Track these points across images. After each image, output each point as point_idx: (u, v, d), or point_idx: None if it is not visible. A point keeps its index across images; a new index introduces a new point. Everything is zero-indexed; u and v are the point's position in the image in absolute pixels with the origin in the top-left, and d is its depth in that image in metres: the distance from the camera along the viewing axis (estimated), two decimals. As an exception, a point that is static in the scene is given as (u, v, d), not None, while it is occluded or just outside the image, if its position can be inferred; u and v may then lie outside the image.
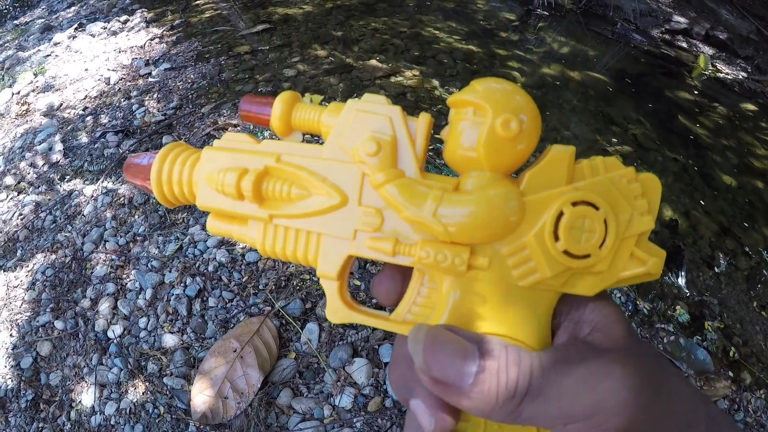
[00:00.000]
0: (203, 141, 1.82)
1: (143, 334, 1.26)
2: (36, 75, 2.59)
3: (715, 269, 1.50)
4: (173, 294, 1.31)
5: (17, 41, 3.21)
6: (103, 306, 1.32)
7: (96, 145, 1.93)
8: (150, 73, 2.35)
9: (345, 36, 2.51)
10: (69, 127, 2.09)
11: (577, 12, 3.12)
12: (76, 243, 1.53)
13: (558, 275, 0.22)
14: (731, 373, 1.23)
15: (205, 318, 1.26)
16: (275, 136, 0.28)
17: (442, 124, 0.25)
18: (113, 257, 1.45)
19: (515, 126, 0.22)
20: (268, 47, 2.44)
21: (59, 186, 1.78)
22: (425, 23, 2.68)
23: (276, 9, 2.88)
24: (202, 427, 1.05)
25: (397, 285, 0.27)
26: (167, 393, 1.14)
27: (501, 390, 0.20)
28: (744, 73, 2.74)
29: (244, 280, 1.32)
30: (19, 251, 1.58)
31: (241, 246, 1.40)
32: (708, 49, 2.89)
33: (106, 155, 1.87)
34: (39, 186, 1.82)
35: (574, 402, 0.19)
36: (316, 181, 0.25)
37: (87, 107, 2.21)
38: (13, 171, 1.92)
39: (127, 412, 1.13)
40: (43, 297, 1.40)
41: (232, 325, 1.22)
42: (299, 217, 0.25)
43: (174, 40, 2.67)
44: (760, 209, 1.76)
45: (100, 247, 1.50)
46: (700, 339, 1.29)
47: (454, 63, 2.31)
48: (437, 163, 1.65)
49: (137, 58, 2.52)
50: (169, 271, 1.37)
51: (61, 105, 2.27)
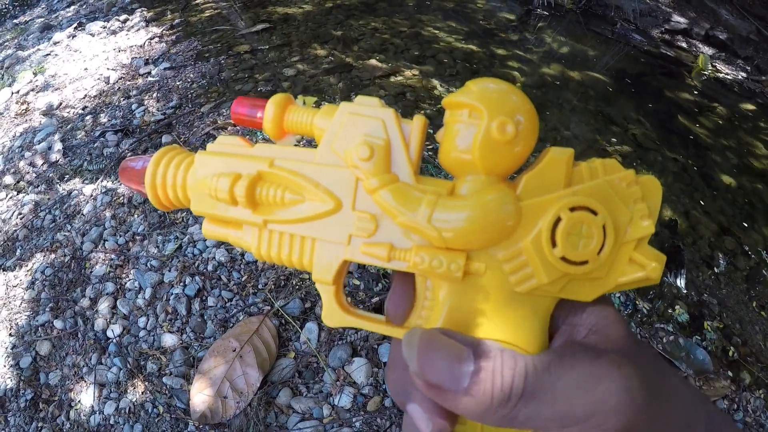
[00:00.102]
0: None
1: (142, 333, 1.26)
2: (35, 74, 2.58)
3: (715, 269, 1.50)
4: (172, 293, 1.31)
5: (17, 40, 3.21)
6: (103, 305, 1.32)
7: (95, 145, 1.93)
8: (149, 73, 2.35)
9: (345, 35, 2.51)
10: (68, 127, 2.09)
11: (577, 12, 3.12)
12: (75, 242, 1.53)
13: (555, 281, 0.22)
14: (730, 373, 1.23)
15: (205, 317, 1.26)
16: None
17: (440, 123, 0.25)
18: (112, 256, 1.45)
19: (511, 129, 0.21)
20: (267, 46, 2.44)
21: (58, 185, 1.78)
22: (425, 23, 2.68)
23: (276, 8, 2.88)
24: (201, 427, 1.05)
25: (411, 303, 0.26)
26: (166, 392, 1.14)
27: (496, 393, 0.20)
28: (744, 73, 2.74)
29: (243, 279, 1.32)
30: (19, 250, 1.58)
31: (241, 245, 1.40)
32: (708, 49, 2.89)
33: (105, 154, 1.87)
34: (38, 185, 1.82)
35: (570, 404, 0.19)
36: (309, 186, 0.24)
37: (86, 106, 2.20)
38: (13, 170, 1.91)
39: (127, 411, 1.13)
40: (43, 296, 1.40)
41: (231, 325, 1.22)
42: (293, 223, 0.25)
43: (174, 39, 2.66)
44: (759, 209, 1.76)
45: (99, 247, 1.50)
46: (699, 339, 1.29)
47: (453, 63, 2.31)
48: (436, 163, 1.65)
49: (137, 57, 2.52)
50: (169, 271, 1.37)
51: (61, 104, 2.27)
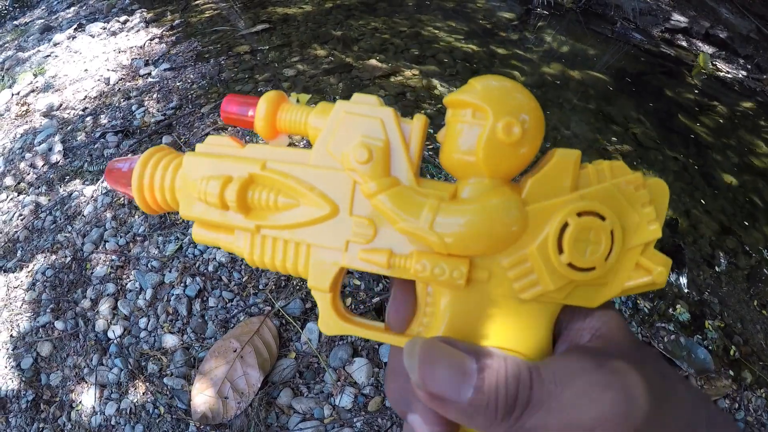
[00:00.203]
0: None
1: (143, 334, 1.26)
2: (36, 75, 2.59)
3: (716, 268, 1.50)
4: (173, 294, 1.31)
5: (17, 42, 3.21)
6: (104, 306, 1.32)
7: (96, 146, 1.93)
8: (150, 74, 2.35)
9: (345, 35, 2.51)
10: (69, 128, 2.09)
11: (577, 11, 3.12)
12: (76, 243, 1.53)
13: (561, 288, 0.21)
14: (732, 372, 1.23)
15: (205, 318, 1.26)
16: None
17: (441, 123, 0.24)
18: (113, 257, 1.45)
19: (518, 130, 0.20)
20: (267, 47, 2.44)
21: (59, 186, 1.78)
22: (425, 23, 2.68)
23: (276, 9, 2.88)
24: (202, 427, 1.05)
25: (412, 311, 0.25)
26: (167, 393, 1.14)
27: (501, 404, 0.19)
28: (744, 72, 2.73)
29: (244, 280, 1.32)
30: (19, 252, 1.58)
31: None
32: (708, 48, 2.89)
33: (105, 156, 1.87)
34: (39, 186, 1.82)
35: (578, 413, 0.19)
36: (304, 190, 0.23)
37: (87, 108, 2.20)
38: (13, 171, 1.92)
39: (128, 412, 1.13)
40: (44, 297, 1.40)
41: (232, 325, 1.22)
42: (287, 228, 0.24)
43: (174, 40, 2.66)
44: (760, 208, 1.76)
45: (100, 248, 1.50)
46: (700, 338, 1.29)
47: (454, 62, 2.31)
48: (437, 163, 1.65)
49: (137, 58, 2.52)
50: (169, 271, 1.37)
51: (61, 105, 2.27)
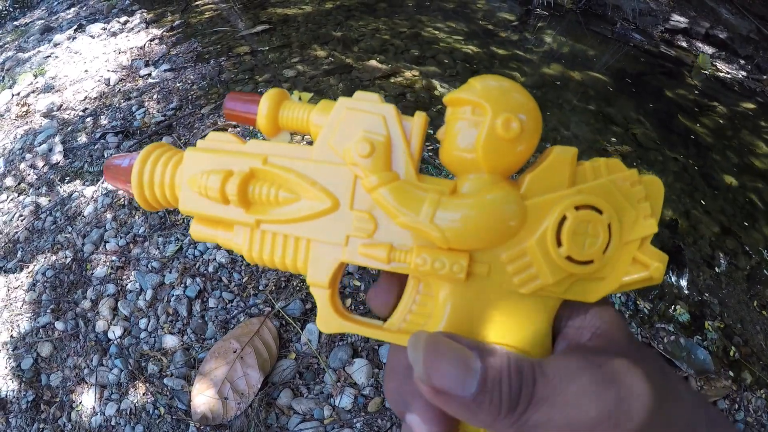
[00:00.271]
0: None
1: (143, 335, 1.26)
2: (36, 76, 2.59)
3: (716, 269, 1.50)
4: (173, 295, 1.31)
5: (17, 42, 3.21)
6: (104, 307, 1.32)
7: (96, 146, 1.93)
8: (150, 74, 2.36)
9: (345, 36, 2.51)
10: (69, 129, 2.09)
11: (577, 12, 3.12)
12: (76, 244, 1.53)
13: (560, 282, 0.21)
14: (732, 373, 1.23)
15: (206, 319, 1.26)
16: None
17: (440, 124, 0.25)
18: (113, 258, 1.45)
19: (516, 126, 0.21)
20: (267, 48, 2.44)
21: (59, 187, 1.78)
22: (425, 23, 2.68)
23: (275, 9, 2.88)
24: (202, 428, 1.05)
25: (395, 296, 0.26)
26: (167, 394, 1.14)
27: (504, 399, 0.19)
28: (744, 72, 2.73)
29: (244, 280, 1.32)
30: (20, 252, 1.58)
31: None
32: (708, 49, 2.89)
33: (106, 156, 1.87)
34: (39, 187, 1.82)
35: (581, 410, 0.19)
36: (305, 184, 0.23)
37: (87, 108, 2.21)
38: (14, 172, 1.92)
39: (128, 412, 1.13)
40: (44, 298, 1.41)
41: (232, 326, 1.23)
42: (288, 222, 0.24)
43: (174, 41, 2.67)
44: (760, 208, 1.76)
45: (100, 248, 1.50)
46: (700, 339, 1.29)
47: (454, 63, 2.31)
48: (436, 163, 1.65)
49: (137, 59, 2.52)
50: (169, 272, 1.37)
51: (61, 106, 2.27)
